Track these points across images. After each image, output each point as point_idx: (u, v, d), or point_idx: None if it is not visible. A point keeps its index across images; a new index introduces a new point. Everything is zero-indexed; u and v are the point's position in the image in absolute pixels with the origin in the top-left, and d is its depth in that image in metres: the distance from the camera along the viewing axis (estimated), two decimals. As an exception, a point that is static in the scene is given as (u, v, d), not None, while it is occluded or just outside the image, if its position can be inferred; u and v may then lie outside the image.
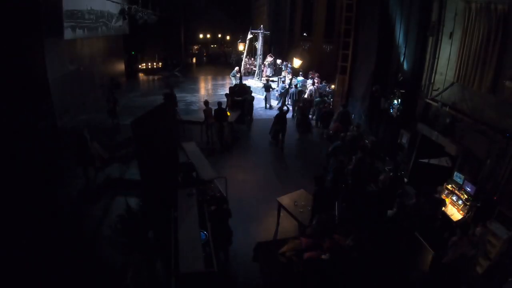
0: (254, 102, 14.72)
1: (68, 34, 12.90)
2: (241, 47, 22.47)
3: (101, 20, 16.55)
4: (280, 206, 7.18)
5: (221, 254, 5.98)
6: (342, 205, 6.91)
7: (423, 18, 8.64)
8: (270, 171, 9.97)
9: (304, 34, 21.12)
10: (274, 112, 13.32)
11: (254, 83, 18.43)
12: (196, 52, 31.57)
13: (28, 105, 10.05)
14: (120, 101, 13.46)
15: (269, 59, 19.66)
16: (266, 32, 17.83)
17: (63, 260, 5.83)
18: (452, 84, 7.72)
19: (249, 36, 19.85)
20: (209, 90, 20.20)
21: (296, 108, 14.46)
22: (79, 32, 14.01)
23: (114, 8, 18.22)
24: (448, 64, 7.95)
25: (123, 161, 9.55)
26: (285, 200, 7.21)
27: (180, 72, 22.20)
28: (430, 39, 8.54)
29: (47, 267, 5.68)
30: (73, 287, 5.53)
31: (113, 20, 18.27)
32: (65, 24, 12.57)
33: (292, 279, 5.07)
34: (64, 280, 5.49)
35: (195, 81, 22.47)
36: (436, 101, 8.07)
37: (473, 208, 6.38)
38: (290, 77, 17.49)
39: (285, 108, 11.95)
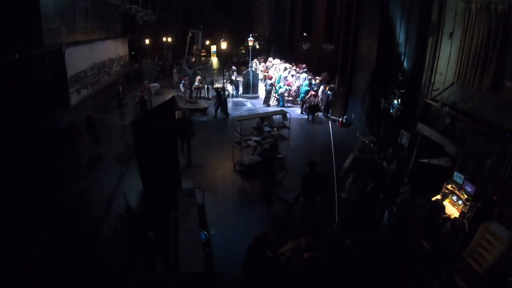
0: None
1: (74, 99, 13.20)
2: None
3: (103, 70, 16.88)
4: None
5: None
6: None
7: (423, 18, 8.65)
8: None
9: (304, 34, 21.11)
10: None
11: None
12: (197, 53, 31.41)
13: (28, 105, 10.05)
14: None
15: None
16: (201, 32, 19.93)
17: (63, 260, 5.83)
18: (452, 84, 7.72)
19: (190, 35, 21.84)
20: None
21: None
22: (83, 92, 14.29)
23: (115, 52, 18.63)
24: (448, 64, 7.96)
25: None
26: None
27: (200, 70, 21.90)
28: (430, 39, 8.54)
29: (47, 267, 5.68)
30: (73, 287, 5.53)
31: (114, 65, 18.64)
32: (71, 90, 12.89)
33: (292, 278, 5.07)
34: (64, 280, 5.49)
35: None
36: (436, 101, 8.07)
37: (473, 208, 6.37)
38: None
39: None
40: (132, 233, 5.25)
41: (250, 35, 18.31)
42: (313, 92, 14.98)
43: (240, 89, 18.57)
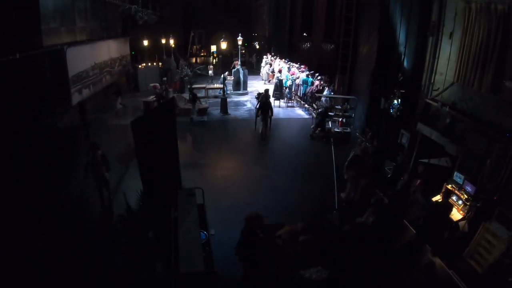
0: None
1: (75, 99, 13.11)
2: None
3: (105, 70, 16.80)
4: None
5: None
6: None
7: (423, 18, 8.64)
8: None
9: (304, 34, 21.10)
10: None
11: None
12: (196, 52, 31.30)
13: (28, 105, 10.06)
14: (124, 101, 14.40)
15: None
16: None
17: (63, 260, 5.83)
18: (452, 84, 7.72)
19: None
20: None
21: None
22: (85, 91, 14.22)
23: (116, 52, 18.57)
24: (448, 64, 7.95)
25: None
26: None
27: (200, 70, 21.95)
28: (430, 39, 8.54)
29: (47, 267, 5.69)
30: (73, 287, 5.53)
31: (116, 64, 18.59)
32: (72, 90, 12.82)
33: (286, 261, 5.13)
34: (64, 280, 5.49)
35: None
36: (436, 101, 8.07)
37: (473, 208, 6.37)
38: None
39: None
40: (132, 233, 5.25)
41: (239, 34, 18.37)
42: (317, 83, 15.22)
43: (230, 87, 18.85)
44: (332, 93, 14.44)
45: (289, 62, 19.48)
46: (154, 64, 22.92)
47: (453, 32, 7.77)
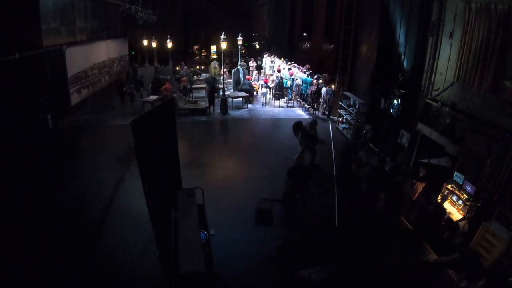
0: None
1: (74, 99, 13.13)
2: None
3: (104, 70, 16.77)
4: None
5: None
6: None
7: (423, 18, 8.64)
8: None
9: (304, 34, 21.09)
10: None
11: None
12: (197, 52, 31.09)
13: (27, 105, 10.06)
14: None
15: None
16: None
17: (63, 260, 5.83)
18: (452, 84, 7.72)
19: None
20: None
21: None
22: (84, 91, 14.22)
23: (115, 52, 18.51)
24: (448, 64, 7.95)
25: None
26: None
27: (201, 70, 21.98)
28: (430, 39, 8.53)
29: (47, 266, 5.68)
30: (73, 287, 5.53)
31: (115, 64, 18.55)
32: (71, 90, 12.80)
33: None
34: (64, 279, 5.49)
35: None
36: (436, 101, 8.07)
37: (473, 208, 6.38)
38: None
39: None
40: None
41: (239, 34, 18.37)
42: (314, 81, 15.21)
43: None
44: (332, 93, 14.44)
45: (288, 62, 19.48)
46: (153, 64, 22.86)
47: (453, 32, 7.77)
